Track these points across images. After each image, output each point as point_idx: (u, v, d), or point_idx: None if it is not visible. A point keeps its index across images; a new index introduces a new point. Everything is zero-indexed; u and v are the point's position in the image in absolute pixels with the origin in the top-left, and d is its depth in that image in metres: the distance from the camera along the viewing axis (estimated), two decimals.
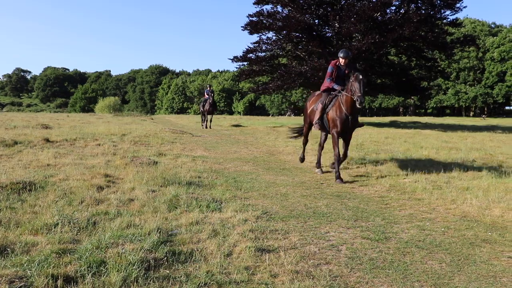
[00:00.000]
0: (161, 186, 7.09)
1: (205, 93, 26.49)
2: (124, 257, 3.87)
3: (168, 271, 3.81)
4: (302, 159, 10.72)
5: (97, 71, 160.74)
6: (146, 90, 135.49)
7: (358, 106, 8.19)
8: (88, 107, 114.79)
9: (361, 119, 47.77)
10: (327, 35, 30.48)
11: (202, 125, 26.18)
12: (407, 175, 9.12)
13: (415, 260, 4.41)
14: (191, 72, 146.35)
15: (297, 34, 29.03)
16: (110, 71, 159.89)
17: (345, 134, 9.00)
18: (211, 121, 26.12)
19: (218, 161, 10.83)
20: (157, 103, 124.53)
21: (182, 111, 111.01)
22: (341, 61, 9.13)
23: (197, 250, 4.32)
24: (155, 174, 7.87)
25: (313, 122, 9.53)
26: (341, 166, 10.34)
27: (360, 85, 8.14)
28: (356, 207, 6.59)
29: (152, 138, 14.82)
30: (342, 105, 8.76)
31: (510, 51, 74.00)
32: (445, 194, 7.44)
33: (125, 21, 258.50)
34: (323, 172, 9.77)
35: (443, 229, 5.54)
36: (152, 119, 38.63)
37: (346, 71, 9.05)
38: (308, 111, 10.06)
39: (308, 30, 28.46)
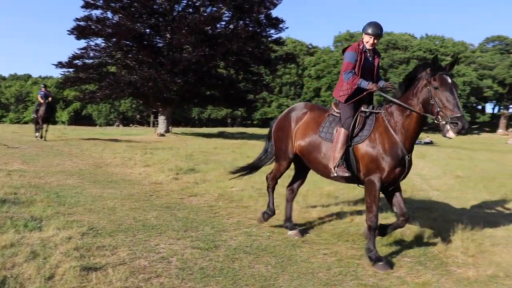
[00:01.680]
0: None
1: (39, 96, 21.77)
2: None
3: None
4: (270, 215, 6.28)
5: None
6: None
7: (452, 135, 4.46)
8: None
9: (190, 130, 48.57)
10: (159, 45, 30.37)
11: (36, 136, 21.41)
12: (234, 183, 9.48)
13: (243, 265, 4.61)
14: (7, 76, 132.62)
15: (127, 42, 28.38)
16: None
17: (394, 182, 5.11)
18: (46, 130, 21.52)
19: (38, 175, 9.95)
20: None
21: None
22: (367, 41, 5.34)
23: (11, 276, 3.89)
24: None
25: (331, 166, 5.23)
26: (171, 176, 10.35)
27: (454, 95, 4.56)
28: (186, 217, 6.63)
29: None
30: (392, 130, 4.99)
31: (324, 70, 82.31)
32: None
33: None
34: (302, 235, 5.94)
35: (268, 233, 5.91)
36: None
37: (376, 60, 5.52)
38: (299, 141, 5.81)
39: (139, 39, 28.05)
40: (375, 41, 5.32)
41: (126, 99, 49.50)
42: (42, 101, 21.16)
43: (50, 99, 21.45)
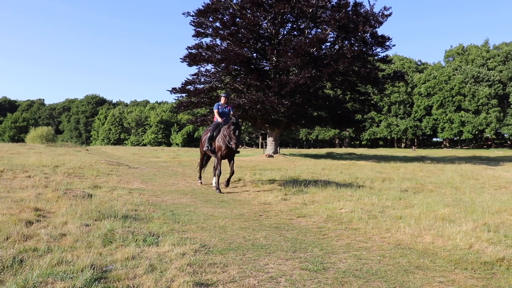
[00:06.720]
0: (95, 220, 6.82)
1: (217, 111, 12.64)
2: None
3: None
4: None
5: (29, 100, 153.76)
6: (81, 121, 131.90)
7: None
8: (18, 136, 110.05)
9: (298, 151, 48.63)
10: (265, 68, 31.11)
11: (200, 179, 13.63)
12: (343, 205, 9.32)
13: None
14: (128, 102, 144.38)
15: (235, 67, 29.45)
16: (43, 100, 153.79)
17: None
18: (232, 172, 12.18)
19: (155, 194, 10.61)
20: (93, 134, 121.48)
21: (118, 142, 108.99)
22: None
23: (133, 286, 4.16)
24: (90, 207, 7.58)
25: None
26: (280, 196, 10.47)
27: None
28: (294, 238, 6.62)
29: (87, 170, 14.32)
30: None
31: (435, 87, 78.60)
32: (380, 223, 7.65)
33: (60, 48, 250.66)
34: None
35: (379, 257, 5.66)
36: (87, 150, 37.45)
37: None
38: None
39: (246, 63, 28.95)
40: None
41: None
42: (220, 120, 12.52)
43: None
